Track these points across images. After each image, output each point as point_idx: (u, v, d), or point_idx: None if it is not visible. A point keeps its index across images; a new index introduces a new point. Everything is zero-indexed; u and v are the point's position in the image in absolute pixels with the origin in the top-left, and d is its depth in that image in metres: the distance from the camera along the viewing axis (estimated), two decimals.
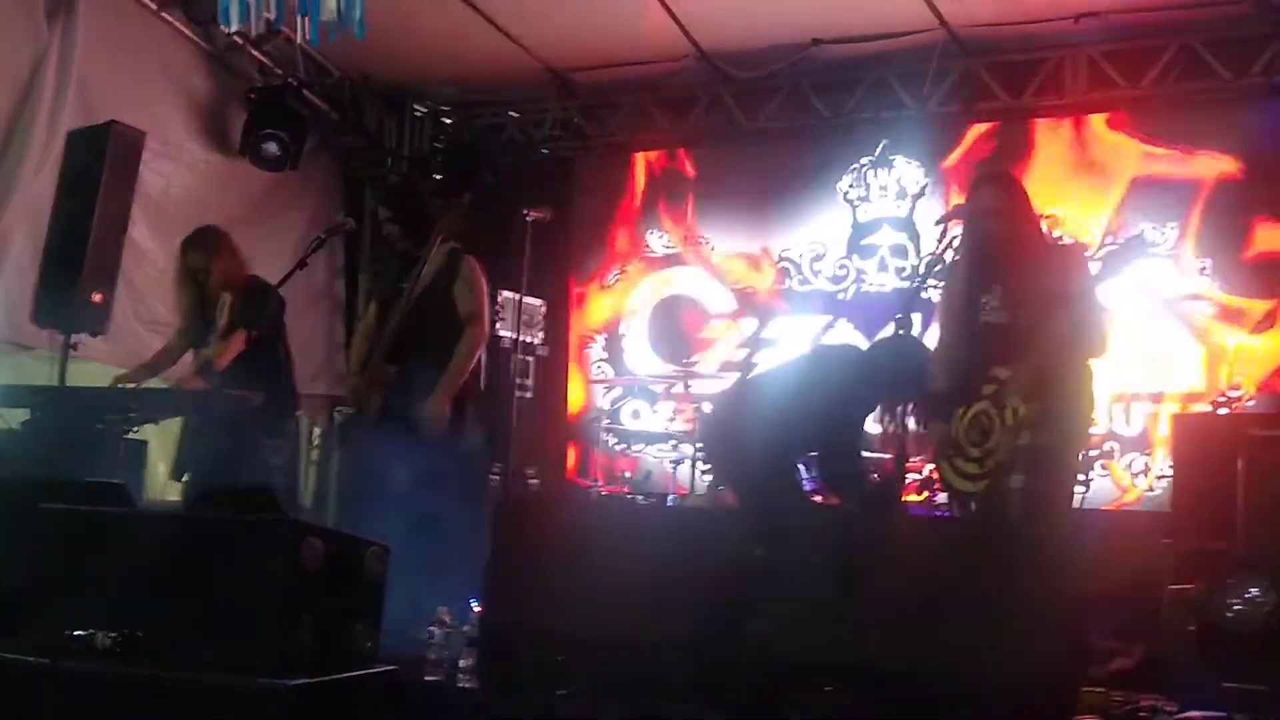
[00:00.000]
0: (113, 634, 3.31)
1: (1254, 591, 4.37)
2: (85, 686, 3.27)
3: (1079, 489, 5.24)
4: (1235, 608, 4.36)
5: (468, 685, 4.15)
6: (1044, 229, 5.19)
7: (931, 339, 6.10)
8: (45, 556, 3.63)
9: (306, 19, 4.31)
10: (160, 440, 6.41)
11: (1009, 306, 4.80)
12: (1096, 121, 7.98)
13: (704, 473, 7.63)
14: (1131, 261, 4.84)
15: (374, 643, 3.63)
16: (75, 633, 3.33)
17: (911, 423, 5.22)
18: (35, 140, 6.76)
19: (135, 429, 5.75)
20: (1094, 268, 4.91)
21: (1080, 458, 5.24)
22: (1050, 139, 8.06)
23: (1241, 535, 4.97)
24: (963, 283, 5.00)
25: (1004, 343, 4.79)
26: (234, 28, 4.46)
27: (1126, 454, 7.53)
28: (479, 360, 6.00)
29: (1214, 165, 7.55)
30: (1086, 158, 7.96)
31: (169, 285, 6.43)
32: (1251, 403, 7.29)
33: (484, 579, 4.47)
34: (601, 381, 9.13)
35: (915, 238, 8.43)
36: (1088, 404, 4.94)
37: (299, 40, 7.37)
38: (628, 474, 8.53)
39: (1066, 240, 7.62)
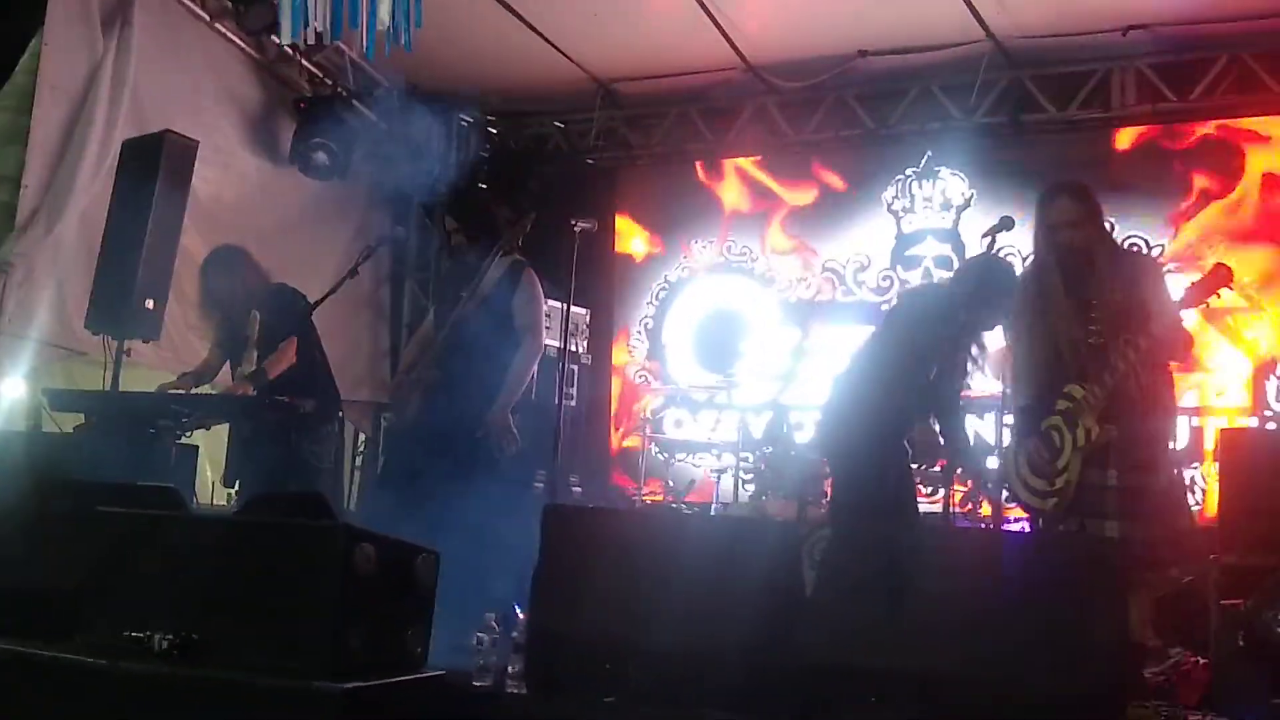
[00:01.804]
0: (169, 636, 3.35)
1: None
2: (142, 688, 3.31)
3: None
4: None
5: (515, 691, 4.17)
6: (1116, 239, 5.13)
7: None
8: (102, 559, 3.68)
9: (361, 31, 4.37)
10: (208, 446, 6.48)
11: (1087, 321, 4.76)
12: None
13: (747, 482, 7.64)
14: (1217, 292, 4.76)
15: (424, 648, 3.67)
16: (132, 635, 3.38)
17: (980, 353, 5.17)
18: (90, 149, 6.86)
19: (187, 434, 5.82)
20: (1176, 294, 4.82)
21: (1180, 488, 5.14)
22: None
23: None
24: (1039, 297, 4.94)
25: (1081, 359, 4.75)
26: (289, 40, 4.52)
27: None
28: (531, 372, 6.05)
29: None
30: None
31: None
32: None
33: (531, 586, 4.49)
34: (645, 390, 9.16)
35: (960, 249, 8.42)
36: (1169, 422, 4.90)
37: (350, 52, 7.47)
38: (671, 483, 8.55)
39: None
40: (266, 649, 3.34)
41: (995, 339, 5.33)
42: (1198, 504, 7.35)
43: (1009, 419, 5.30)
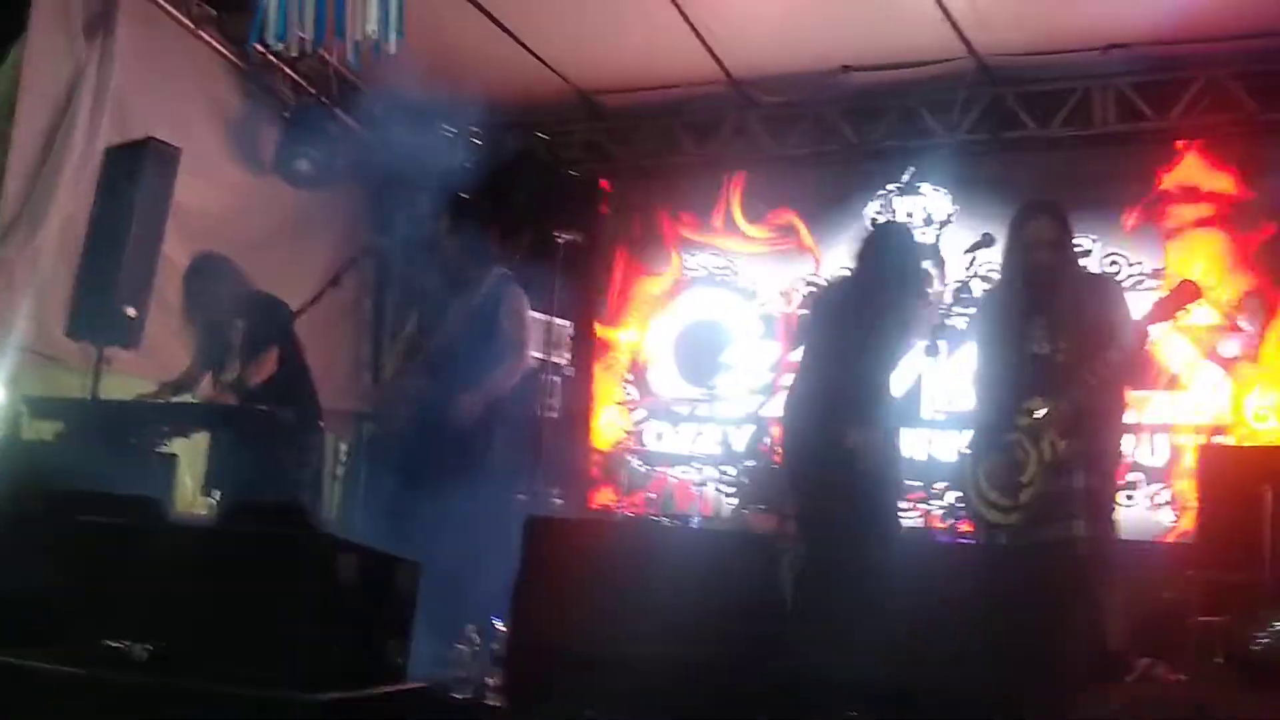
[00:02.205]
0: (148, 646, 3.34)
1: None
2: (120, 698, 3.29)
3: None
4: (1263, 640, 4.35)
5: (495, 704, 4.17)
6: (1092, 258, 5.24)
7: (958, 366, 6.13)
8: (81, 569, 3.67)
9: (344, 40, 4.37)
10: (187, 455, 6.45)
11: (1053, 339, 4.82)
12: None
13: (729, 495, 7.65)
14: (1185, 308, 4.82)
15: (404, 659, 3.66)
16: (111, 644, 3.36)
17: None
18: (72, 155, 6.83)
19: (166, 443, 5.80)
20: (1142, 309, 4.89)
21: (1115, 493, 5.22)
22: None
23: (1269, 567, 4.97)
24: (1006, 312, 5.01)
25: (1044, 375, 4.81)
26: (270, 44, 4.52)
27: (1151, 485, 7.52)
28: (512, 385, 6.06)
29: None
30: None
31: None
32: (1276, 434, 7.29)
33: (512, 598, 4.48)
34: (626, 403, 9.16)
35: (941, 265, 8.44)
36: (1120, 438, 4.98)
37: (334, 61, 7.47)
38: (652, 495, 8.54)
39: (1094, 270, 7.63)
40: (246, 659, 3.33)
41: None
42: (1174, 520, 7.40)
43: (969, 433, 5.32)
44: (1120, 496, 5.13)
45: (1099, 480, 4.75)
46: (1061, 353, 4.79)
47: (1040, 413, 4.72)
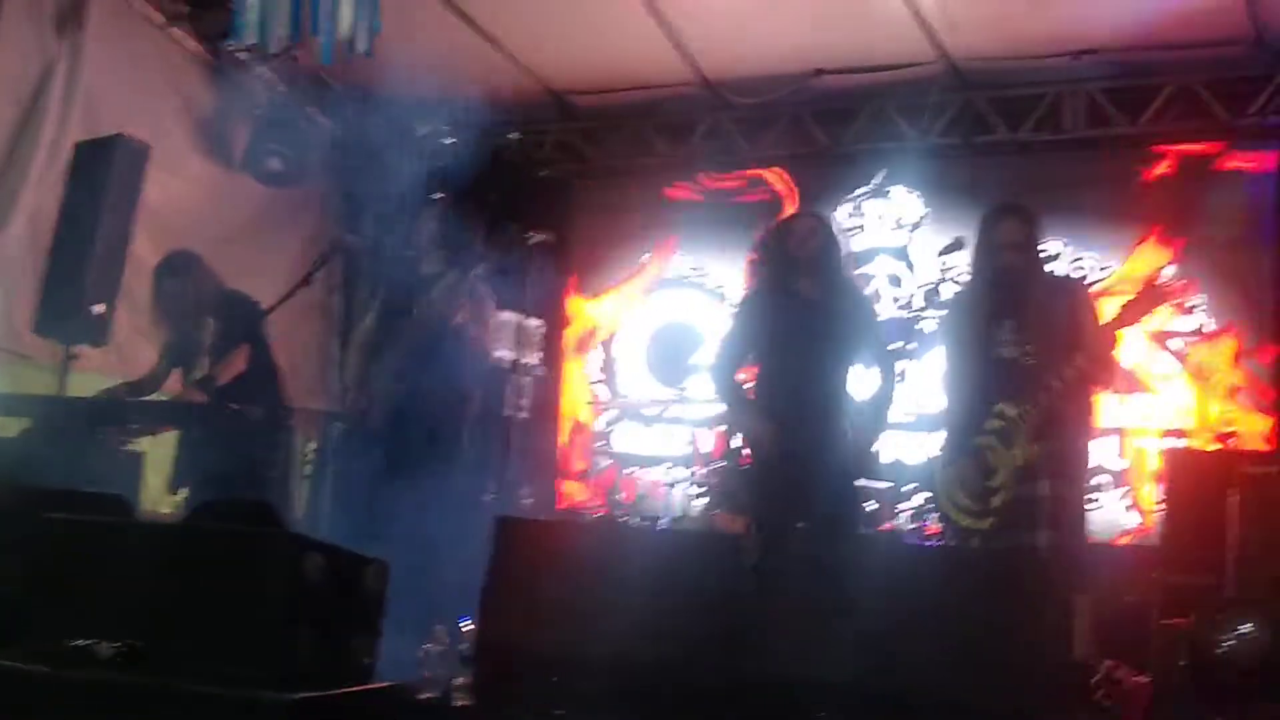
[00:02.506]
0: (114, 644, 3.32)
1: (1245, 628, 4.39)
2: (86, 696, 3.27)
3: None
4: (1227, 643, 4.38)
5: (463, 704, 4.16)
6: (1060, 261, 5.26)
7: (927, 368, 6.15)
8: (47, 565, 3.64)
9: (319, 39, 4.35)
10: (155, 453, 6.42)
11: (1021, 342, 4.82)
12: None
13: (698, 496, 7.65)
14: (1151, 311, 4.85)
15: (372, 659, 3.65)
16: (77, 642, 3.34)
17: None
18: (40, 151, 6.78)
19: (133, 441, 5.77)
20: (1110, 313, 4.91)
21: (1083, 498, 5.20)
22: None
23: (1232, 571, 5.01)
24: (973, 315, 5.00)
25: (1013, 378, 4.80)
26: (248, 43, 4.50)
27: (1116, 488, 7.58)
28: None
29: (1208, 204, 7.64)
30: None
31: None
32: (1242, 440, 7.36)
33: (480, 598, 4.48)
34: (597, 404, 9.16)
35: (911, 268, 8.48)
36: (1088, 442, 4.99)
37: (306, 59, 7.43)
38: (621, 495, 8.54)
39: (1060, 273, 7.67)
40: (213, 658, 3.31)
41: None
42: (1139, 523, 7.45)
43: (938, 436, 5.34)
44: (1087, 500, 5.09)
45: (1066, 485, 4.76)
46: (1030, 356, 4.79)
47: (1009, 416, 4.74)
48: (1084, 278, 7.69)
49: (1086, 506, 5.11)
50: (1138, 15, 7.16)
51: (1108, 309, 5.03)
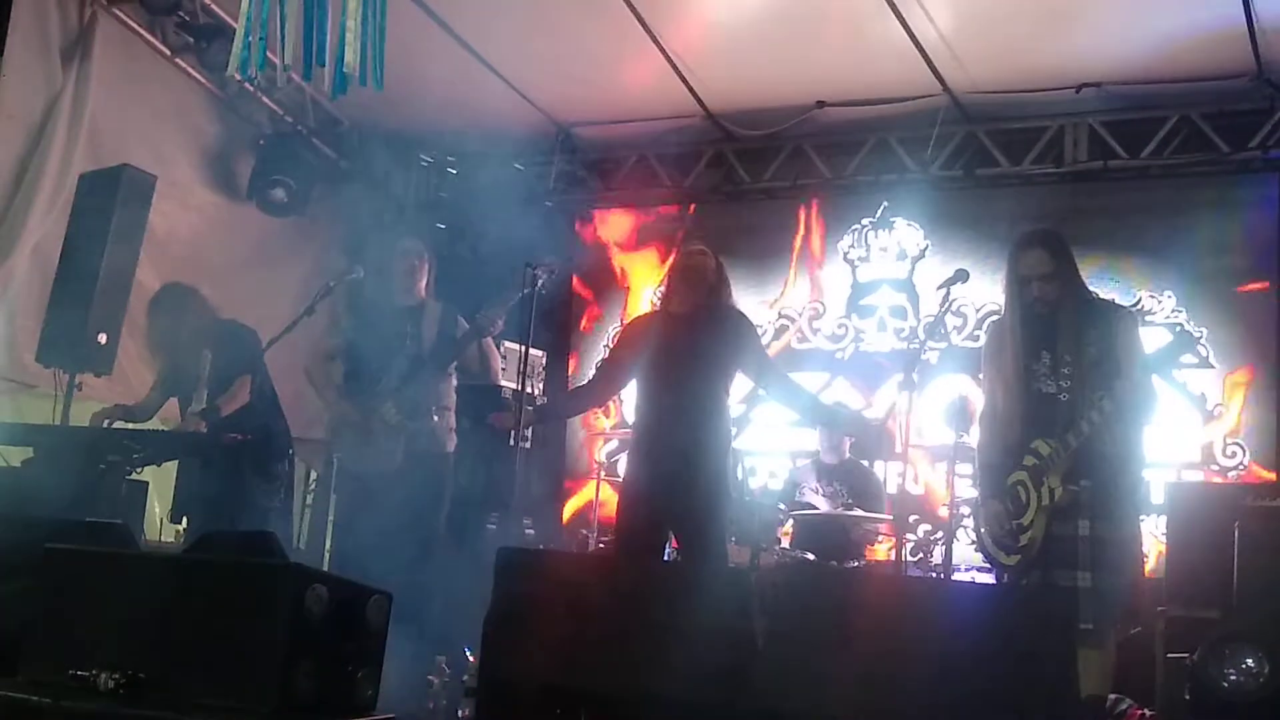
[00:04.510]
0: (115, 675, 3.30)
1: (1249, 661, 4.37)
2: None
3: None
4: (1231, 677, 4.36)
5: None
6: (1091, 290, 5.06)
7: (930, 400, 6.14)
8: (49, 595, 3.63)
9: (328, 71, 4.36)
10: (157, 482, 6.42)
11: (1058, 375, 4.70)
12: None
13: None
14: (1179, 359, 4.74)
15: (374, 691, 3.63)
16: (77, 672, 3.33)
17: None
18: (46, 180, 6.82)
19: (137, 470, 5.77)
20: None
21: (1141, 545, 5.02)
22: None
23: (1237, 604, 4.99)
24: (1006, 349, 4.84)
25: (1051, 413, 4.68)
26: (246, 74, 4.51)
27: None
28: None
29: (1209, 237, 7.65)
30: None
31: None
32: (1246, 472, 7.35)
33: (483, 629, 4.46)
34: (600, 433, 9.15)
35: (915, 299, 8.49)
36: (1139, 477, 4.83)
37: (310, 89, 7.46)
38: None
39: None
40: (214, 689, 3.30)
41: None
42: (1145, 556, 7.43)
43: (971, 471, 5.29)
44: (1137, 538, 4.88)
45: (1107, 526, 4.59)
46: (1066, 391, 4.67)
47: (1043, 455, 4.66)
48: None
49: (1139, 545, 4.93)
50: (1139, 49, 7.20)
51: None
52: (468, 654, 4.74)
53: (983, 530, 4.85)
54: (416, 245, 6.67)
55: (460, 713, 4.27)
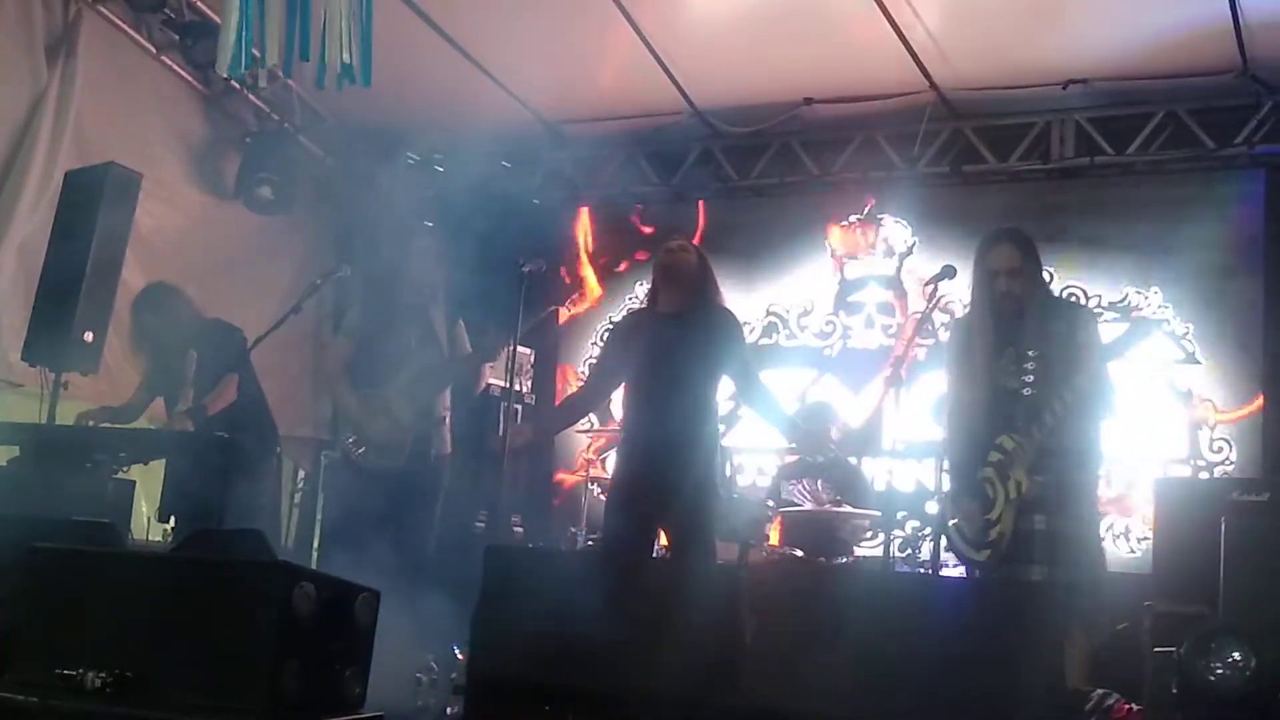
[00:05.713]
0: (102, 674, 3.30)
1: (1236, 655, 4.38)
2: None
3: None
4: (1218, 670, 4.38)
5: None
6: (1052, 288, 5.15)
7: (918, 397, 6.14)
8: (36, 595, 3.63)
9: (311, 63, 4.35)
10: (144, 482, 6.41)
11: (1021, 371, 4.77)
12: None
13: None
14: (1139, 343, 4.83)
15: (362, 689, 3.63)
16: (64, 672, 3.33)
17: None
18: (31, 179, 6.79)
19: (124, 469, 5.76)
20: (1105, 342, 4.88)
21: (1100, 538, 5.14)
22: None
23: (1223, 598, 5.00)
24: (973, 344, 4.93)
25: (1015, 408, 4.76)
26: (237, 73, 4.50)
27: (1108, 517, 7.57)
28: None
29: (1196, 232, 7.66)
30: None
31: None
32: (1232, 467, 7.37)
33: (471, 627, 4.47)
34: (588, 431, 9.13)
35: (902, 296, 8.50)
36: (1097, 472, 4.91)
37: (296, 87, 7.44)
38: None
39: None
40: (202, 688, 3.31)
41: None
42: (1132, 552, 7.45)
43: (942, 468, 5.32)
44: (1095, 534, 4.99)
45: (1064, 520, 4.69)
46: (1030, 385, 4.74)
47: (1007, 449, 4.70)
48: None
49: (1097, 538, 5.03)
50: (1126, 45, 7.21)
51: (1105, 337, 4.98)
52: (456, 652, 4.74)
53: (951, 526, 4.89)
54: (432, 244, 6.67)
55: (449, 710, 4.27)
